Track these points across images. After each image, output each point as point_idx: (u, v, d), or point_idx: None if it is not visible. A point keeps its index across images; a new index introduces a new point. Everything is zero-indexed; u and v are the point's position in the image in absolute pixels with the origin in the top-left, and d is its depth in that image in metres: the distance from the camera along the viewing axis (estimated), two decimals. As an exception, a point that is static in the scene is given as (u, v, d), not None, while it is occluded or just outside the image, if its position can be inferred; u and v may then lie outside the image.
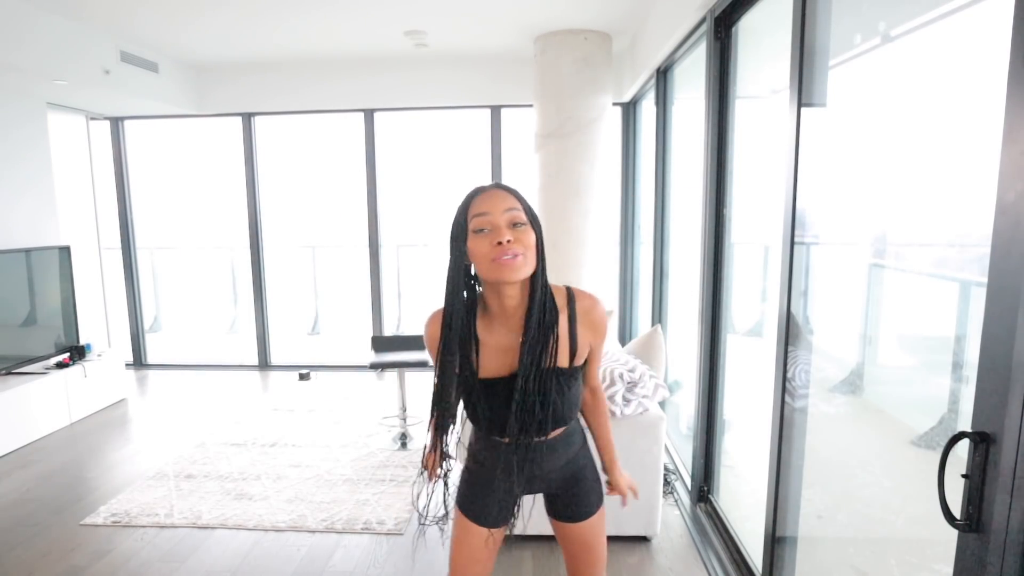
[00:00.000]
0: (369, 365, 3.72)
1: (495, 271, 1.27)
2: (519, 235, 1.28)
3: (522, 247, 1.27)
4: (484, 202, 1.30)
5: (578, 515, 1.60)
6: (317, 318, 7.95)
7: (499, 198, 1.30)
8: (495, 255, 1.26)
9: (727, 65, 2.70)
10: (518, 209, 1.30)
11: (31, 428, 4.07)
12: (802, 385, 1.99)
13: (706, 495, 3.02)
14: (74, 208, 5.27)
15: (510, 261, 1.25)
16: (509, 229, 1.27)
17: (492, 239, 1.26)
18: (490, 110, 5.41)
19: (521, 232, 1.28)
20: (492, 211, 1.28)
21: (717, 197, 2.79)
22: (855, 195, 1.84)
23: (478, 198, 1.31)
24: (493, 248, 1.26)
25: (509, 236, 1.26)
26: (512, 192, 1.33)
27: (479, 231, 1.28)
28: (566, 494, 1.58)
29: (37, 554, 2.74)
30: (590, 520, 1.61)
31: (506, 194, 1.31)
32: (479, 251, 1.28)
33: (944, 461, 1.03)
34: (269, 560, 2.68)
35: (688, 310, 3.37)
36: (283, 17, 4.04)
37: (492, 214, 1.28)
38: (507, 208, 1.29)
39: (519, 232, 1.28)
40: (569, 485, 1.57)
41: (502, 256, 1.25)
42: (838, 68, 1.83)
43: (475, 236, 1.29)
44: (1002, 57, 0.98)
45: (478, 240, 1.28)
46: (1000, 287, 0.98)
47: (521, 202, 1.32)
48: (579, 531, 1.61)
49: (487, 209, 1.28)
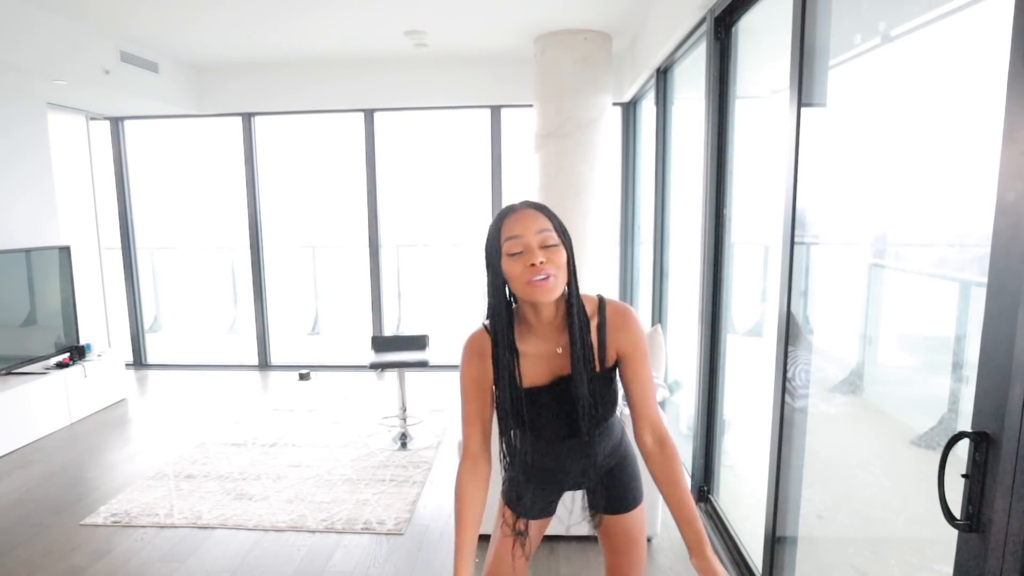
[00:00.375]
0: (369, 365, 3.72)
1: (529, 292, 1.33)
2: (551, 255, 1.33)
3: (554, 267, 1.32)
4: (516, 224, 1.34)
5: (621, 507, 1.61)
6: (317, 318, 7.95)
7: (531, 219, 1.34)
8: (529, 277, 1.31)
9: (727, 65, 2.70)
10: (549, 230, 1.35)
11: (31, 428, 4.08)
12: (802, 385, 1.99)
13: (706, 495, 3.02)
14: (74, 208, 5.27)
15: (543, 283, 1.31)
16: (541, 250, 1.32)
17: (525, 261, 1.32)
18: (490, 110, 5.41)
19: (553, 252, 1.33)
20: (524, 234, 1.33)
21: (717, 197, 2.79)
22: (855, 195, 1.84)
23: (510, 219, 1.36)
24: (527, 270, 1.31)
25: (542, 258, 1.31)
26: (542, 211, 1.38)
27: (513, 254, 1.33)
28: (608, 485, 1.60)
29: (37, 554, 2.74)
30: (632, 513, 1.62)
31: (537, 214, 1.36)
32: (513, 273, 1.33)
33: (944, 461, 1.03)
34: (269, 560, 2.68)
35: (688, 310, 3.37)
36: (283, 17, 4.04)
37: (524, 236, 1.33)
38: (539, 230, 1.34)
39: (551, 252, 1.33)
40: (611, 477, 1.59)
41: (535, 277, 1.31)
42: (838, 68, 1.83)
43: (509, 259, 1.34)
44: (1002, 57, 0.98)
45: (512, 262, 1.33)
46: (1000, 287, 0.98)
47: (552, 220, 1.38)
48: (622, 523, 1.62)
49: (519, 232, 1.33)
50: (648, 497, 2.64)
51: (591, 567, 2.58)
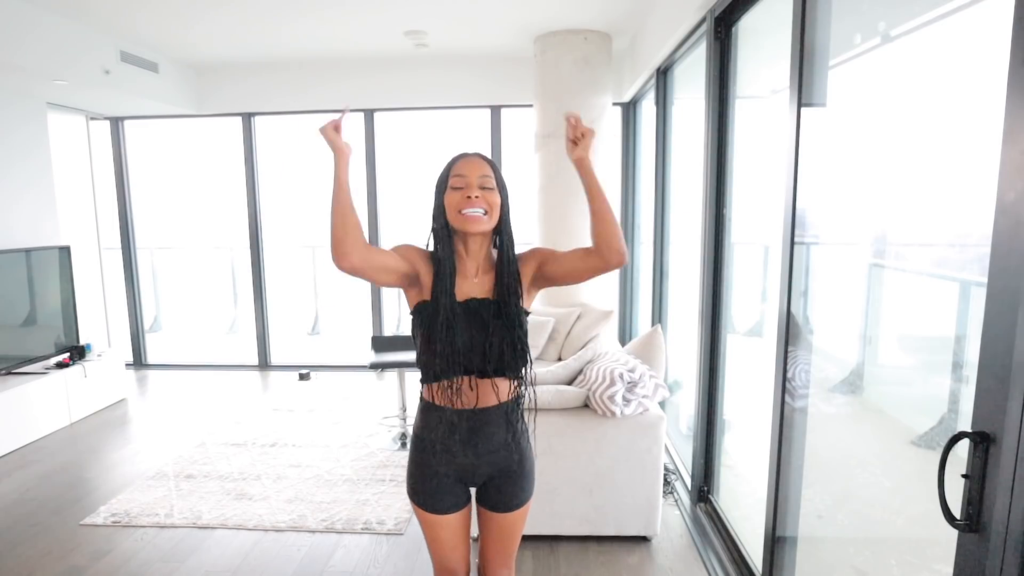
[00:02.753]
0: (369, 365, 3.72)
1: (460, 221, 1.54)
2: (486, 195, 1.55)
3: (486, 204, 1.54)
4: (464, 166, 1.57)
5: (510, 506, 1.69)
6: (317, 318, 7.95)
7: (477, 166, 1.57)
8: (462, 206, 1.53)
9: (727, 65, 2.70)
10: (490, 176, 1.57)
11: (31, 428, 4.08)
12: (802, 385, 1.99)
13: (706, 495, 3.02)
14: (74, 208, 5.27)
15: (473, 216, 1.53)
16: (479, 190, 1.55)
17: (463, 194, 1.54)
18: (490, 110, 5.41)
19: (488, 193, 1.56)
20: (468, 174, 1.56)
21: (717, 197, 2.79)
22: (855, 195, 1.84)
23: (460, 162, 1.59)
24: (463, 200, 1.53)
25: (477, 193, 1.54)
26: (489, 162, 1.61)
27: (455, 188, 1.56)
28: (501, 484, 1.66)
29: (37, 554, 2.74)
30: (519, 511, 1.71)
31: (483, 162, 1.59)
32: (451, 202, 1.56)
33: (944, 461, 1.03)
34: (269, 560, 2.68)
35: (688, 310, 3.37)
36: (283, 17, 4.04)
37: (467, 176, 1.56)
38: (481, 174, 1.56)
39: (486, 193, 1.56)
40: (506, 474, 1.65)
41: (467, 209, 1.52)
42: (838, 68, 1.83)
43: (451, 191, 1.56)
44: (1002, 57, 0.98)
45: (453, 194, 1.56)
46: (1000, 287, 0.98)
47: (495, 171, 1.60)
48: (507, 520, 1.70)
49: (465, 172, 1.56)
50: (649, 498, 2.66)
51: (591, 567, 2.58)
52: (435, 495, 1.64)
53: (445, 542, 1.68)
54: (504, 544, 1.74)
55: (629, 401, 2.58)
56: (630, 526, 2.70)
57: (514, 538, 1.75)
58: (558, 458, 2.62)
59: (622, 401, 2.57)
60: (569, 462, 2.63)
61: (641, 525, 2.70)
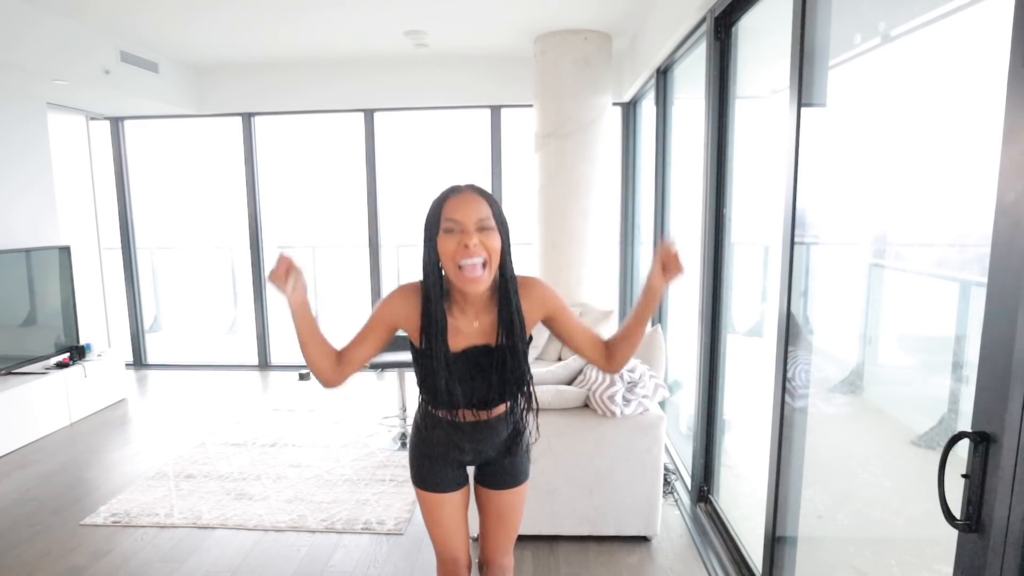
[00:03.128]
0: (369, 365, 3.72)
1: (459, 280, 1.39)
2: (485, 239, 1.38)
3: (485, 251, 1.38)
4: (458, 208, 1.39)
5: (506, 484, 1.70)
6: (317, 318, 7.91)
7: (472, 204, 1.39)
8: (460, 257, 1.37)
9: (727, 65, 2.70)
10: (489, 216, 1.39)
11: (31, 428, 4.07)
12: (802, 385, 1.99)
13: (706, 495, 3.02)
14: (74, 208, 5.27)
15: (473, 274, 1.37)
16: (477, 233, 1.37)
17: (459, 240, 1.37)
18: (490, 110, 5.41)
19: (487, 236, 1.38)
20: (464, 219, 1.37)
21: (717, 197, 2.79)
22: (855, 195, 1.84)
23: (453, 200, 1.40)
24: (459, 249, 1.37)
25: (476, 239, 1.36)
26: (485, 197, 1.42)
27: (449, 231, 1.38)
28: (498, 464, 1.68)
29: (37, 554, 2.74)
30: (516, 489, 1.72)
31: (479, 200, 1.40)
32: (446, 249, 1.39)
33: (944, 461, 1.03)
34: (269, 560, 2.68)
35: (688, 310, 3.37)
36: (283, 17, 4.04)
37: (463, 221, 1.37)
38: (478, 217, 1.38)
39: (485, 236, 1.38)
40: (502, 456, 1.67)
41: (466, 260, 1.36)
42: (838, 68, 1.83)
43: (444, 234, 1.39)
44: (1002, 57, 0.98)
45: (447, 239, 1.39)
46: (1000, 287, 0.98)
47: (492, 207, 1.41)
48: (506, 498, 1.72)
49: (459, 218, 1.38)
50: (649, 498, 2.66)
51: (591, 567, 2.58)
52: (436, 474, 1.65)
53: (447, 524, 1.70)
54: (504, 527, 1.76)
55: (629, 401, 2.58)
56: (630, 526, 2.70)
57: (513, 520, 1.76)
58: (558, 458, 2.62)
59: (622, 401, 2.57)
60: (569, 462, 2.63)
61: (641, 525, 2.70)
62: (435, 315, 1.45)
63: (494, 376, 1.51)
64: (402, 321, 1.52)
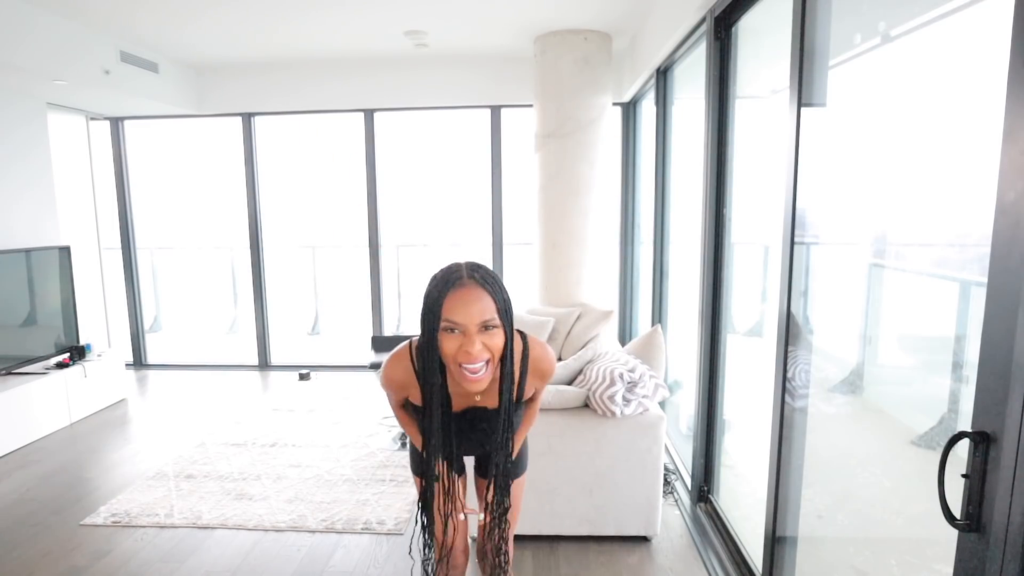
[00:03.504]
0: (369, 365, 3.72)
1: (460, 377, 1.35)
2: (488, 339, 1.32)
3: (488, 353, 1.33)
4: (459, 307, 1.30)
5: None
6: (317, 318, 7.95)
7: (475, 302, 1.30)
8: (461, 361, 1.32)
9: (727, 65, 2.70)
10: (493, 316, 1.32)
11: (31, 428, 4.08)
12: (802, 385, 1.99)
13: (706, 495, 3.02)
14: (74, 208, 5.27)
15: (474, 375, 1.33)
16: (479, 335, 1.31)
17: (461, 344, 1.31)
18: (490, 110, 5.41)
19: (491, 335, 1.32)
20: (466, 322, 1.30)
21: (717, 197, 2.79)
22: (855, 195, 1.84)
23: (454, 295, 1.31)
24: (461, 352, 1.31)
25: (479, 344, 1.30)
26: (487, 288, 1.32)
27: (451, 331, 1.31)
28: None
29: (37, 554, 2.74)
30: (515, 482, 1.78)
31: (481, 295, 1.31)
32: (448, 350, 1.33)
33: (944, 461, 1.03)
34: (269, 560, 2.68)
35: (688, 310, 3.37)
36: (283, 17, 4.04)
37: (466, 324, 1.30)
38: (482, 319, 1.31)
39: (489, 336, 1.32)
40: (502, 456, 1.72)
41: (467, 364, 1.31)
42: (838, 68, 1.83)
43: (445, 333, 1.32)
44: (1002, 57, 0.98)
45: (449, 339, 1.32)
46: (1000, 287, 0.98)
47: (495, 298, 1.33)
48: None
49: (461, 320, 1.30)
50: (649, 498, 2.66)
51: (591, 567, 2.58)
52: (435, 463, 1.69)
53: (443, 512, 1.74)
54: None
55: (629, 401, 2.58)
56: (630, 526, 2.70)
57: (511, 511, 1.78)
58: (558, 458, 2.62)
59: (622, 401, 2.57)
60: (569, 462, 2.63)
61: (641, 525, 2.70)
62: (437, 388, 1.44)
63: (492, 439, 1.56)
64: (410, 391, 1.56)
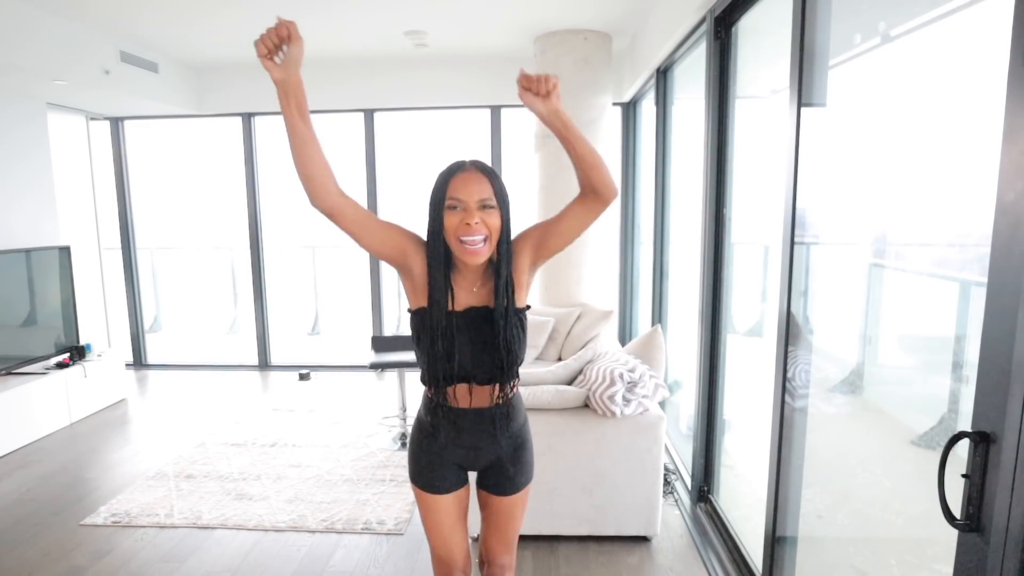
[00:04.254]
0: (369, 365, 3.72)
1: (460, 251, 1.48)
2: (486, 217, 1.47)
3: (486, 229, 1.47)
4: (461, 186, 1.47)
5: (508, 490, 1.71)
6: (317, 318, 7.95)
7: (475, 184, 1.48)
8: (461, 233, 1.46)
9: (727, 65, 2.70)
10: (491, 196, 1.48)
11: (31, 428, 4.07)
12: (802, 385, 1.99)
13: (706, 495, 3.02)
14: (74, 208, 5.27)
15: (473, 247, 1.46)
16: (479, 211, 1.46)
17: (462, 218, 1.46)
18: (490, 110, 5.41)
19: (489, 214, 1.47)
20: (467, 198, 1.46)
21: (717, 197, 2.79)
22: (855, 195, 1.84)
23: (457, 178, 1.49)
24: (462, 226, 1.46)
25: (478, 218, 1.46)
26: (487, 175, 1.50)
27: (453, 208, 1.47)
28: (503, 469, 1.69)
29: (37, 554, 2.74)
30: (519, 495, 1.73)
31: (482, 179, 1.49)
32: (450, 225, 1.48)
33: (944, 461, 1.03)
34: (269, 560, 2.68)
35: (688, 310, 3.37)
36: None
37: (466, 200, 1.46)
38: (481, 197, 1.47)
39: (486, 214, 1.47)
40: (508, 461, 1.69)
41: (467, 236, 1.45)
42: (838, 68, 1.83)
43: (448, 211, 1.48)
44: (1002, 57, 0.98)
45: (451, 215, 1.48)
46: (1000, 287, 0.98)
47: (494, 185, 1.50)
48: (506, 503, 1.73)
49: (463, 196, 1.47)
50: (649, 498, 2.66)
51: (591, 567, 2.58)
52: (435, 474, 1.67)
53: (444, 525, 1.71)
54: (505, 528, 1.77)
55: (629, 401, 2.58)
56: (630, 526, 2.70)
57: (514, 522, 1.77)
58: (558, 458, 2.62)
59: (622, 401, 2.57)
60: (569, 462, 2.63)
61: (641, 525, 2.70)
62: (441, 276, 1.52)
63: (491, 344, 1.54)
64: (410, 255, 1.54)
